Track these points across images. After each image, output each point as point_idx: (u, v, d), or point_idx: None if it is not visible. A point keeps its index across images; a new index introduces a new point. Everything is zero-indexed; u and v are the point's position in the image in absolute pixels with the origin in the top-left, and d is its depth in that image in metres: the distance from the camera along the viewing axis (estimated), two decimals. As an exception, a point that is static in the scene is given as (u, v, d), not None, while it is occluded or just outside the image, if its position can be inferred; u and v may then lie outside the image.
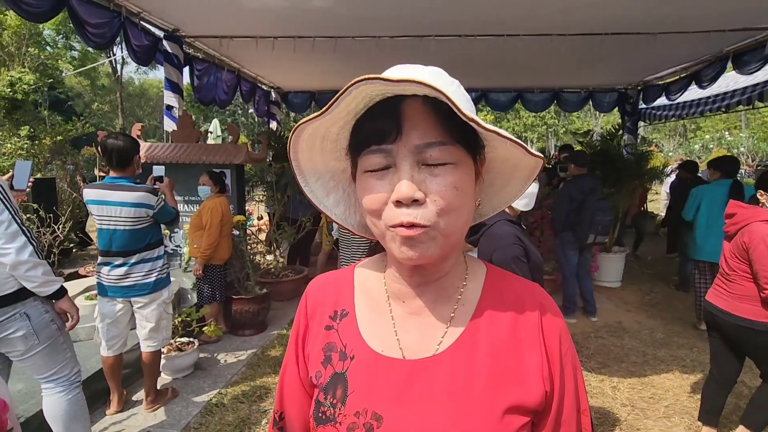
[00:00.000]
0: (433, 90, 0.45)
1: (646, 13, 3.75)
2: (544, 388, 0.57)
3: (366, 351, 0.60)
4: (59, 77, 17.29)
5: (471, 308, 0.61)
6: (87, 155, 10.78)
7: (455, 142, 0.52)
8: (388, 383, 0.57)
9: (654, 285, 5.53)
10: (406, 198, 0.49)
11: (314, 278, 0.73)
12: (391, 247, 0.54)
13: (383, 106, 0.52)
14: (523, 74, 6.32)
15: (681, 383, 3.15)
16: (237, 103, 15.97)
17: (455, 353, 0.58)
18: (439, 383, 0.56)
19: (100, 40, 3.58)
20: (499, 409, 0.54)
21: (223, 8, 3.81)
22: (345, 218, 0.68)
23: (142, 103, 28.07)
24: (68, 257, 6.57)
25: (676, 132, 27.37)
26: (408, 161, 0.51)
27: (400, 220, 0.50)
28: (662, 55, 5.03)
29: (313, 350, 0.65)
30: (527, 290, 0.64)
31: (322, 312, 0.67)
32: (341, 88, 0.48)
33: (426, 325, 0.60)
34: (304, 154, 0.61)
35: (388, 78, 0.45)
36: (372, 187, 0.53)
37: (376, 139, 0.52)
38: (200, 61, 5.25)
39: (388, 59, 3.72)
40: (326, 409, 0.59)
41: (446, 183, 0.51)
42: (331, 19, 3.97)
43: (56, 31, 20.10)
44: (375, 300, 0.65)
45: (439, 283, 0.61)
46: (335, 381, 0.60)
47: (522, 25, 4.04)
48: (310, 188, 0.65)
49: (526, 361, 0.58)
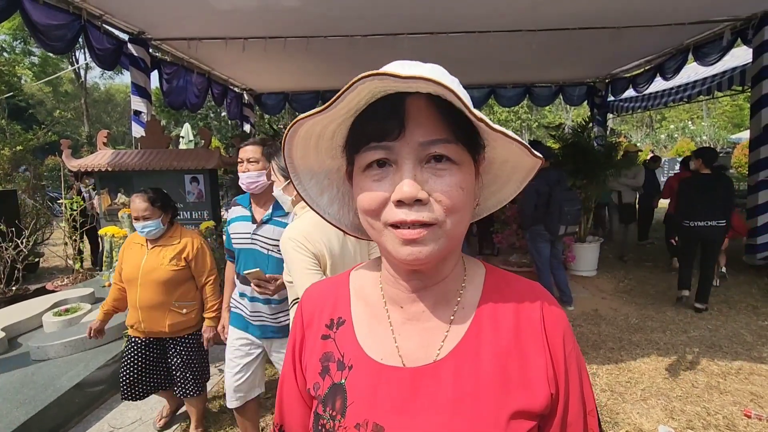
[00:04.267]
0: (444, 88, 0.44)
1: (610, 8, 3.86)
2: (550, 391, 0.55)
3: (364, 360, 0.58)
4: (18, 84, 16.52)
5: (471, 311, 0.59)
6: (51, 165, 10.34)
7: (458, 140, 0.50)
8: (389, 393, 0.55)
9: (628, 272, 5.71)
10: (408, 198, 0.48)
11: (309, 286, 0.70)
12: (389, 249, 0.52)
13: (385, 103, 0.50)
14: (495, 70, 6.42)
15: (656, 366, 3.26)
16: (209, 106, 15.61)
17: (457, 359, 0.56)
18: (442, 391, 0.54)
19: (58, 44, 3.43)
20: (505, 415, 0.53)
21: (190, 10, 3.72)
22: (339, 218, 0.66)
23: (109, 109, 27.15)
24: (34, 272, 6.30)
25: (643, 123, 28.34)
26: (411, 159, 0.49)
27: (401, 218, 0.49)
28: (627, 48, 5.20)
29: (311, 361, 0.62)
30: (528, 289, 0.62)
31: (319, 321, 0.64)
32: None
33: (425, 331, 0.58)
34: (299, 152, 0.59)
35: (398, 74, 0.43)
36: (370, 186, 0.51)
37: (377, 136, 0.50)
38: (169, 65, 5.10)
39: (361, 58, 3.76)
40: (325, 422, 0.57)
41: (452, 182, 0.50)
42: (302, 19, 3.93)
43: (12, 36, 19.19)
44: (372, 306, 0.62)
45: (438, 286, 0.59)
46: (334, 392, 0.58)
47: (493, 21, 4.09)
48: (303, 187, 0.63)
49: (530, 364, 0.56)
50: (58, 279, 5.05)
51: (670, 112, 24.36)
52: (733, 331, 3.82)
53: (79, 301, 3.68)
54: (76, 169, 4.01)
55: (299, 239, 1.45)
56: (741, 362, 3.25)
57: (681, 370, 3.19)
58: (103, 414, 2.77)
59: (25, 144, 8.43)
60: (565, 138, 5.74)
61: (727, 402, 2.76)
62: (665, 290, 4.95)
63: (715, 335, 3.74)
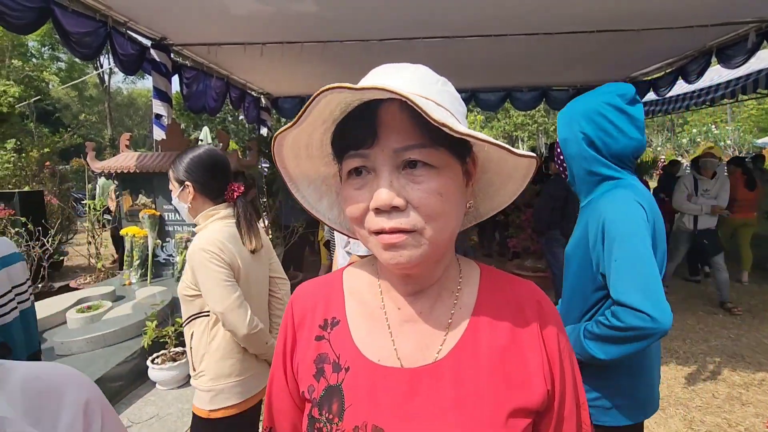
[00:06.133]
0: (398, 95, 0.44)
1: (630, 10, 3.81)
2: (546, 388, 0.56)
3: (362, 361, 0.57)
4: (45, 89, 17.12)
5: (468, 312, 0.59)
6: (76, 167, 10.68)
7: (437, 145, 0.49)
8: (388, 394, 0.55)
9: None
10: (384, 205, 0.48)
11: (299, 285, 0.69)
12: (376, 253, 0.53)
13: (360, 111, 0.51)
14: (511, 73, 6.38)
15: (675, 375, 3.19)
16: (227, 110, 15.91)
17: (456, 359, 0.56)
18: (442, 391, 0.54)
19: (86, 50, 3.55)
20: (504, 413, 0.53)
21: (210, 16, 3.81)
22: (340, 222, 0.66)
23: (131, 113, 27.88)
24: (59, 270, 6.50)
25: (663, 127, 27.71)
26: (387, 166, 0.49)
27: (381, 226, 0.49)
28: (647, 51, 5.11)
29: (303, 363, 0.61)
30: (523, 289, 0.62)
31: (311, 321, 0.63)
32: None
33: (424, 333, 0.58)
34: (291, 162, 0.60)
35: (352, 86, 0.45)
36: (352, 196, 0.52)
37: (354, 144, 0.51)
38: (189, 69, 5.23)
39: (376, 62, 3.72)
40: (322, 425, 0.56)
41: (429, 189, 0.49)
42: (318, 24, 3.98)
43: (41, 42, 19.92)
44: (368, 306, 0.62)
45: (434, 288, 0.60)
46: (330, 394, 0.57)
47: (509, 24, 4.08)
48: (301, 194, 0.63)
49: (527, 362, 0.56)
50: (81, 277, 5.20)
51: (692, 116, 23.77)
52: (756, 340, 3.71)
53: (101, 298, 3.79)
54: (99, 171, 4.14)
55: (214, 250, 1.38)
56: (764, 373, 3.16)
57: (701, 379, 3.11)
58: (122, 409, 2.84)
59: (52, 146, 8.73)
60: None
61: (749, 414, 2.68)
62: (685, 298, 4.84)
63: (737, 344, 3.64)
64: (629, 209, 1.16)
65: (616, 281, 1.11)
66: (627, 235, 1.12)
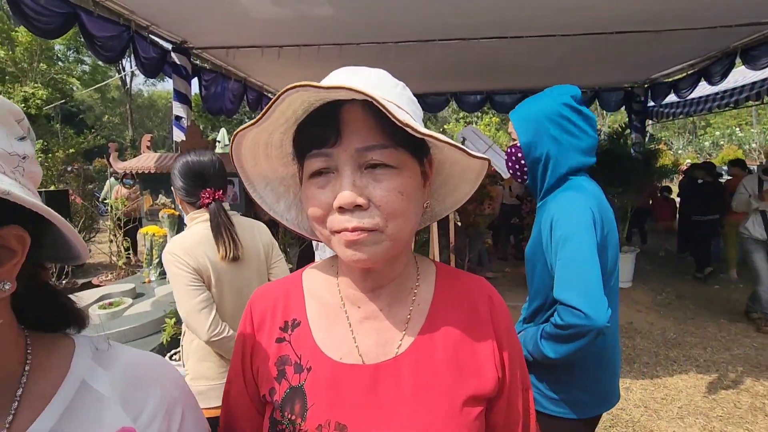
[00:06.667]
0: (364, 95, 0.45)
1: (650, 10, 3.74)
2: (497, 375, 0.60)
3: (323, 360, 0.58)
4: (70, 92, 17.64)
5: (426, 308, 0.62)
6: (98, 167, 10.97)
7: (397, 145, 0.51)
8: (351, 391, 0.56)
9: (665, 285, 5.47)
10: (348, 204, 0.49)
11: (258, 288, 0.69)
12: (338, 251, 0.54)
13: (323, 110, 0.51)
14: (528, 75, 6.32)
15: (695, 383, 3.11)
16: (243, 111, 16.14)
17: (415, 353, 0.58)
18: (403, 385, 0.56)
19: (110, 53, 3.65)
20: (459, 401, 0.56)
21: (229, 19, 3.88)
22: (297, 223, 0.67)
23: (151, 114, 28.50)
24: (82, 267, 6.69)
25: (685, 129, 27.05)
26: (349, 165, 0.50)
27: (344, 226, 0.50)
28: (668, 52, 5.01)
29: (264, 365, 0.61)
30: (475, 284, 0.66)
31: (271, 324, 0.63)
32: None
33: (384, 329, 0.60)
34: (249, 161, 0.60)
35: (319, 85, 0.45)
36: (314, 195, 0.53)
37: (317, 143, 0.51)
38: (208, 72, 5.33)
39: (392, 64, 3.80)
40: (284, 427, 0.56)
41: (390, 188, 0.51)
42: (335, 27, 4.02)
43: (66, 46, 20.53)
44: (328, 306, 0.63)
45: (392, 285, 0.61)
46: (292, 395, 0.57)
47: (526, 26, 4.05)
48: (258, 194, 0.64)
49: (480, 352, 0.60)
50: (103, 274, 5.34)
51: (715, 118, 23.17)
52: (782, 350, 3.60)
53: (122, 295, 3.89)
54: (121, 171, 4.24)
55: (178, 253, 1.41)
56: (790, 384, 3.06)
57: (722, 389, 3.03)
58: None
59: (77, 147, 8.99)
60: (601, 145, 5.59)
61: (774, 425, 2.60)
62: (706, 305, 4.72)
63: (762, 354, 3.53)
64: (574, 210, 1.19)
65: (558, 280, 1.15)
66: (570, 235, 1.16)
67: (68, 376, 0.47)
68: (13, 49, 14.87)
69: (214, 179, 1.53)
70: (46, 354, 0.48)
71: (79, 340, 0.52)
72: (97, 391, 0.47)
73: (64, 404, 0.45)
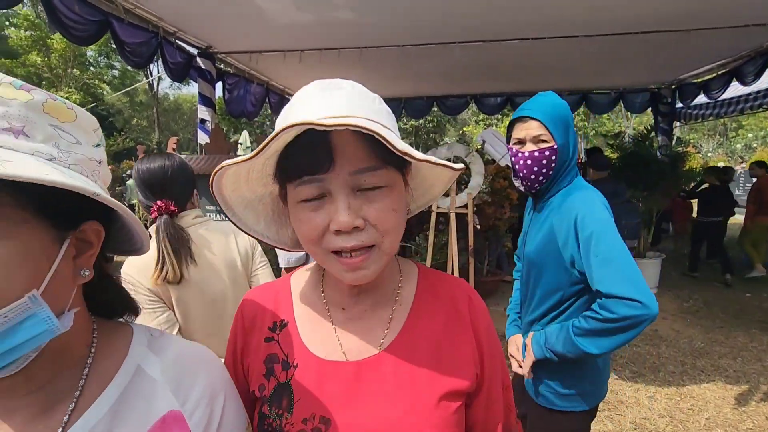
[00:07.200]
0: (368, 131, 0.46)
1: (677, 10, 3.65)
2: (475, 371, 0.63)
3: (309, 357, 0.62)
4: (101, 96, 18.31)
5: (407, 307, 0.65)
6: (127, 168, 11.34)
7: (386, 165, 0.53)
8: (334, 386, 0.59)
9: (693, 292, 5.29)
10: (346, 227, 0.50)
11: (248, 291, 0.73)
12: (334, 273, 0.56)
13: (311, 136, 0.50)
14: (549, 76, 6.23)
15: (723, 394, 3.00)
16: (265, 114, 16.42)
17: (397, 350, 0.61)
18: (384, 380, 0.59)
19: (139, 59, 3.79)
20: (437, 395, 0.59)
21: (253, 24, 3.97)
22: (277, 239, 0.68)
23: (177, 117, 29.27)
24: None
25: (715, 131, 26.11)
26: (344, 190, 0.51)
27: (342, 245, 0.52)
28: (697, 52, 4.86)
29: (254, 363, 0.64)
30: (456, 285, 0.69)
31: (261, 324, 0.66)
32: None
33: (367, 328, 0.63)
34: (228, 188, 0.60)
35: (321, 123, 0.45)
36: (308, 218, 0.53)
37: (308, 169, 0.51)
38: (231, 76, 5.46)
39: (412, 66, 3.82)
40: (272, 420, 0.59)
41: (384, 207, 0.53)
42: (355, 31, 4.06)
43: (97, 52, 21.33)
44: (314, 307, 0.66)
45: (376, 288, 0.64)
46: (280, 391, 0.60)
47: (548, 27, 4.00)
48: (238, 217, 0.64)
49: (459, 350, 0.63)
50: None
51: (747, 120, 22.29)
52: (819, 362, 3.44)
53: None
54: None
55: (131, 273, 1.31)
56: (827, 398, 2.92)
57: (753, 401, 2.91)
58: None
59: (107, 149, 9.33)
60: (625, 147, 5.46)
61: (809, 440, 2.49)
62: (737, 313, 4.54)
63: (796, 366, 3.38)
64: (597, 207, 1.24)
65: (602, 275, 1.16)
66: (602, 231, 1.19)
67: (126, 361, 0.52)
68: (49, 55, 15.55)
69: (170, 187, 1.38)
70: (108, 339, 0.53)
71: (135, 328, 0.56)
72: (150, 376, 0.51)
73: (122, 386, 0.50)
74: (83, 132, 0.48)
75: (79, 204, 0.45)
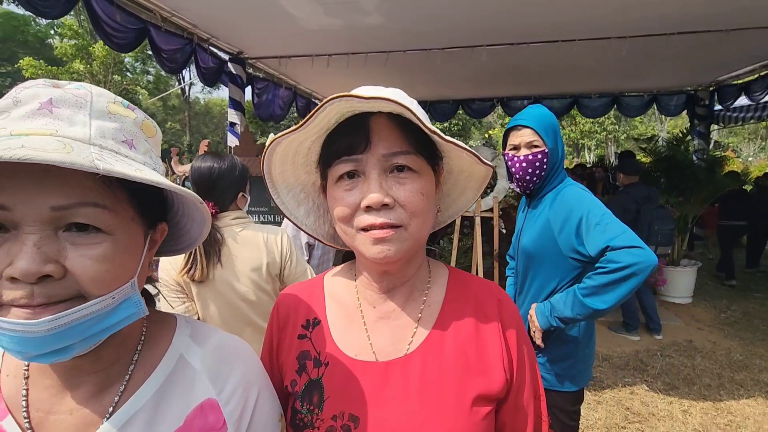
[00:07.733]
0: (401, 106, 0.50)
1: (715, 9, 3.51)
2: (505, 377, 0.62)
3: (340, 356, 0.64)
4: (137, 100, 19.09)
5: (437, 309, 0.66)
6: (161, 170, 11.78)
7: (417, 152, 0.57)
8: (364, 385, 0.61)
9: (731, 302, 5.04)
10: (376, 203, 0.54)
11: (284, 289, 0.76)
12: (362, 250, 0.58)
13: (352, 122, 0.57)
14: (578, 79, 6.11)
15: (765, 411, 2.85)
16: (292, 117, 16.75)
17: (425, 352, 0.62)
18: (412, 381, 0.60)
19: (174, 65, 3.95)
20: (468, 400, 0.59)
21: (283, 30, 4.07)
22: (315, 228, 0.73)
23: (207, 121, 30.19)
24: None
25: (757, 135, 24.86)
26: (376, 169, 0.56)
27: (371, 222, 0.55)
28: (737, 52, 4.66)
29: (287, 359, 0.67)
30: (486, 288, 0.69)
31: (295, 322, 0.69)
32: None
33: (396, 328, 0.65)
34: (277, 168, 0.65)
35: (361, 96, 0.51)
36: (343, 196, 0.57)
37: (347, 150, 0.57)
38: (260, 80, 5.60)
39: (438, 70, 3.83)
40: (303, 416, 0.62)
41: (413, 189, 0.56)
42: (383, 35, 4.10)
43: (134, 58, 22.27)
44: (346, 307, 0.68)
45: (406, 286, 0.66)
46: (311, 388, 0.63)
47: (577, 29, 3.93)
48: (281, 200, 0.69)
49: (488, 354, 0.63)
50: (161, 270, 5.73)
51: (793, 123, 21.08)
52: None
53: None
54: (182, 174, 4.54)
55: (163, 264, 1.42)
56: None
57: (797, 418, 2.76)
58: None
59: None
60: (659, 152, 5.27)
61: None
62: (779, 325, 4.31)
63: None
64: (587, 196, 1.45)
65: (605, 233, 1.32)
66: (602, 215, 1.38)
67: (170, 349, 0.55)
68: (91, 63, 16.35)
69: (214, 189, 1.44)
70: (155, 328, 0.57)
71: (179, 319, 0.60)
72: (191, 365, 0.55)
73: (165, 374, 0.53)
74: (156, 145, 0.56)
75: (159, 207, 0.53)
